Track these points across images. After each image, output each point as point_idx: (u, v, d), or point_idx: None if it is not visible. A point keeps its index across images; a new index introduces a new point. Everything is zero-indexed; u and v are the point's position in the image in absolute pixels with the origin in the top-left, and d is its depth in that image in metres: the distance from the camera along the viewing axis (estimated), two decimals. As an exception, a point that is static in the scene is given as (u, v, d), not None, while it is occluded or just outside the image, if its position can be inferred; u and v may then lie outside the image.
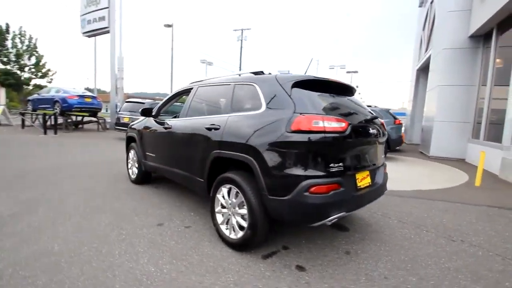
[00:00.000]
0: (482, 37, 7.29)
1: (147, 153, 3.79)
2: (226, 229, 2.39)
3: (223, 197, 2.41)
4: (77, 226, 2.64)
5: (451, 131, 7.97)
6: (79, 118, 13.71)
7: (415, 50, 13.53)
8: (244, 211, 2.20)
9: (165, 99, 3.78)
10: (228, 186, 2.34)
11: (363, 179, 2.26)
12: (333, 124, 1.93)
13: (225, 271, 1.99)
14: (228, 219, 2.37)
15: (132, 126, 4.31)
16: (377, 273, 2.05)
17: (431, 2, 10.20)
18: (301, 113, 1.95)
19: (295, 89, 2.12)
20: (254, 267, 2.06)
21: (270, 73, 2.54)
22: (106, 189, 3.87)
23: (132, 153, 4.30)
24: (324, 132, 1.90)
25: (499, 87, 6.66)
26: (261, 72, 2.59)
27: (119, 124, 10.91)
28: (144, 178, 4.15)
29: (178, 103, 5.22)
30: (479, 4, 6.90)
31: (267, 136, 2.03)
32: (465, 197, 4.21)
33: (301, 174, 1.90)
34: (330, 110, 2.14)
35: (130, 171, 4.40)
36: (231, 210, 2.32)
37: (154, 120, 3.73)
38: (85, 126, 14.55)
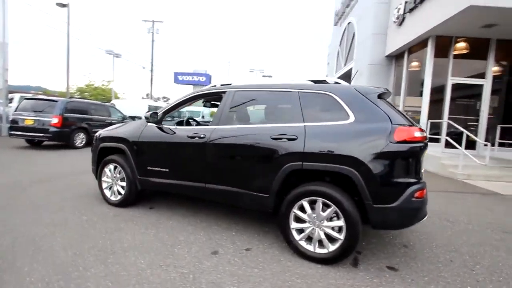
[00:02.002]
0: (394, 57, 9.31)
1: (151, 168, 3.10)
2: (308, 244, 2.27)
3: (302, 211, 2.29)
4: (111, 276, 1.94)
5: (373, 131, 9.78)
6: None
7: (331, 62, 15.85)
8: (335, 223, 2.16)
9: (173, 103, 3.16)
10: (309, 199, 2.24)
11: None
12: (423, 134, 2.16)
13: (343, 289, 1.92)
14: (311, 234, 2.26)
15: (113, 135, 3.42)
16: (443, 259, 2.41)
17: (348, 23, 12.21)
18: (399, 124, 2.09)
19: (379, 100, 2.25)
20: (359, 278, 2.06)
21: (338, 82, 2.57)
22: (86, 220, 2.92)
23: (110, 169, 3.41)
24: (420, 141, 2.10)
25: (409, 97, 8.69)
26: (324, 81, 2.57)
27: (17, 128, 8.24)
28: (136, 198, 3.38)
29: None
30: (393, 32, 8.80)
31: (368, 146, 2.07)
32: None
33: (407, 181, 2.04)
34: (405, 119, 2.36)
35: (107, 191, 3.47)
36: (316, 223, 2.23)
37: (158, 127, 3.09)
38: None
